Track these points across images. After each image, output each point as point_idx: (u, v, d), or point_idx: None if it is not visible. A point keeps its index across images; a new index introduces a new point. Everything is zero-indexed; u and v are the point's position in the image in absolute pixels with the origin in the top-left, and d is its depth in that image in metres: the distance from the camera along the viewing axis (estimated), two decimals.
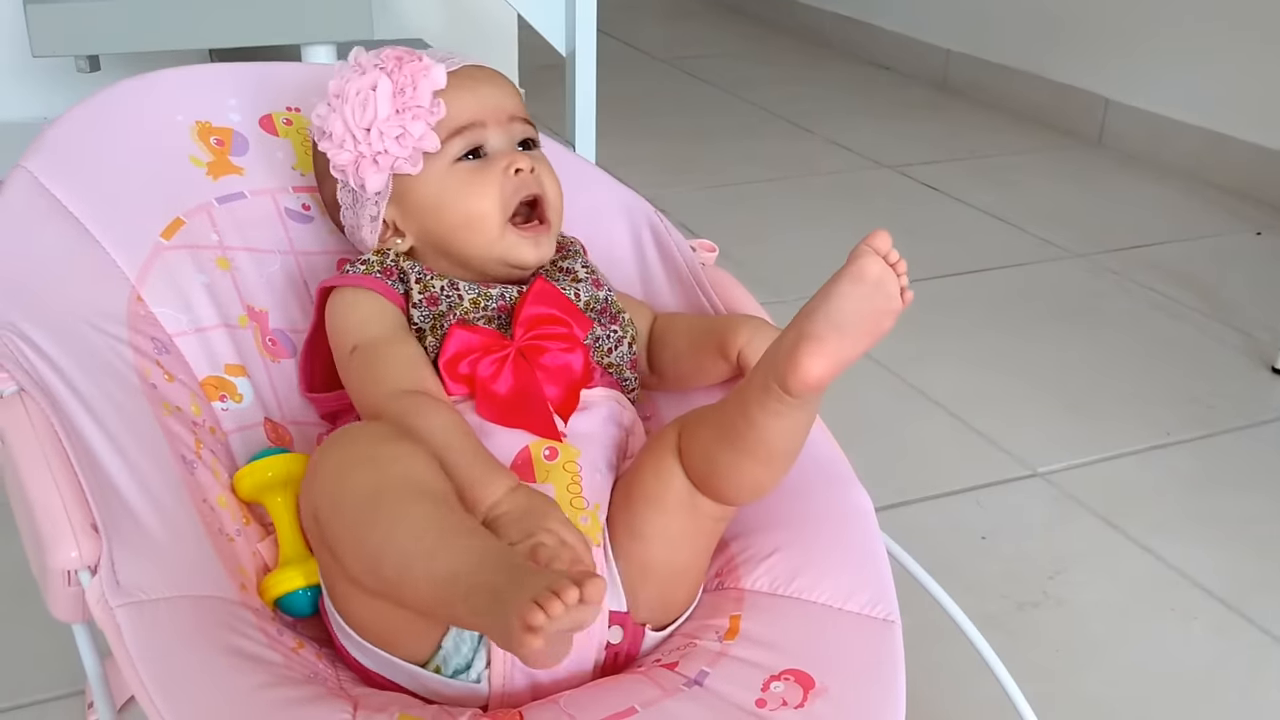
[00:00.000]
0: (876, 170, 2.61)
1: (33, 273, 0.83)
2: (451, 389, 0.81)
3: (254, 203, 0.95)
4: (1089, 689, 1.15)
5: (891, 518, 1.38)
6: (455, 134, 0.85)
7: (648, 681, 0.75)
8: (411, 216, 0.87)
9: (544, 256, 0.88)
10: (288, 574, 0.80)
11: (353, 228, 0.90)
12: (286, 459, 0.85)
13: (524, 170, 0.86)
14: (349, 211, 0.89)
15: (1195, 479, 1.50)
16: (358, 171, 0.85)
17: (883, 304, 0.72)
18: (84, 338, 0.81)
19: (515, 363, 0.82)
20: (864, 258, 0.72)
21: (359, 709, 0.69)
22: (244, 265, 0.93)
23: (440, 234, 0.87)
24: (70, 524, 0.67)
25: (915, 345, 1.81)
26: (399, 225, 0.88)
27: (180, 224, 0.92)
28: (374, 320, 0.84)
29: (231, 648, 0.69)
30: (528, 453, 0.80)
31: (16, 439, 0.72)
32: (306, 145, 0.98)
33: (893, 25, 3.46)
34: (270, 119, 0.98)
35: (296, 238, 0.96)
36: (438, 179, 0.86)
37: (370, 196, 0.87)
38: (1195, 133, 2.58)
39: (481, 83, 0.88)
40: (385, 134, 0.84)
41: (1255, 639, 1.23)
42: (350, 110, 0.84)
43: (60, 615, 0.69)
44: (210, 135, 0.95)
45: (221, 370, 0.90)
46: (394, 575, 0.67)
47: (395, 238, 0.88)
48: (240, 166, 0.96)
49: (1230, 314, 1.96)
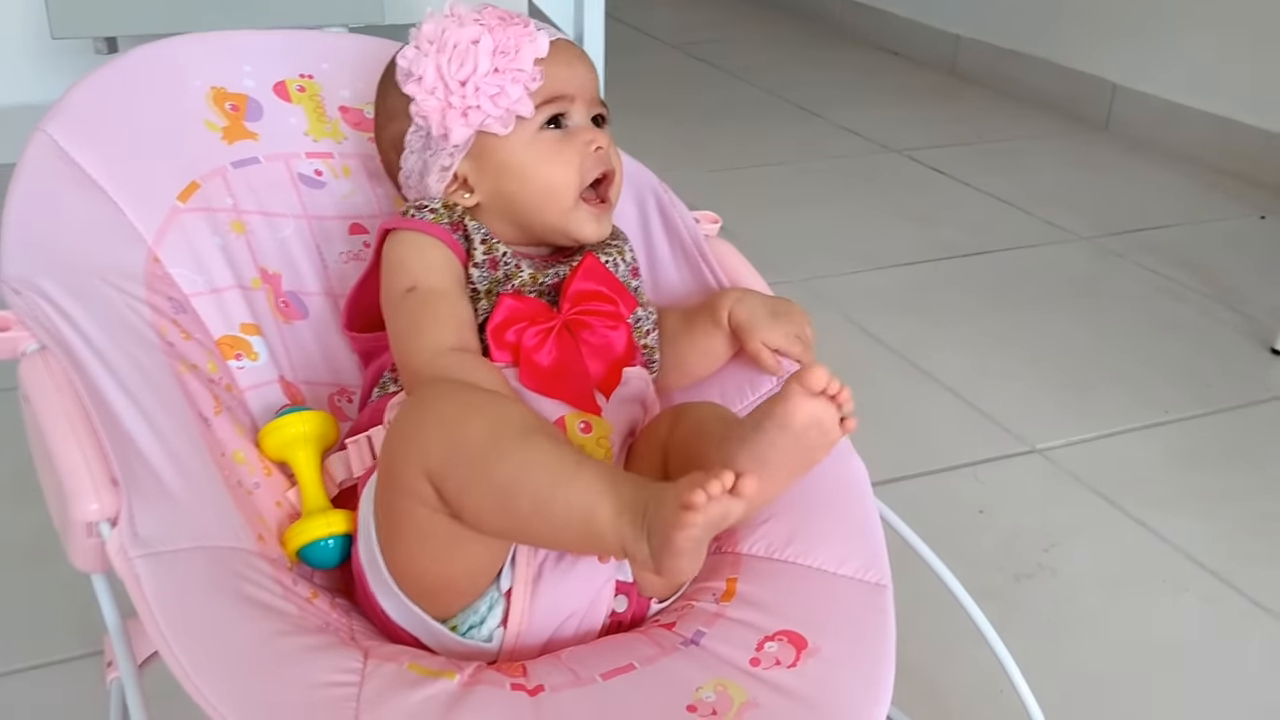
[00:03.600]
0: (884, 154, 2.62)
1: (52, 234, 0.84)
2: (496, 356, 0.82)
3: (268, 167, 0.97)
4: (1080, 658, 1.18)
5: (892, 491, 1.40)
6: (546, 102, 0.86)
7: (646, 640, 0.77)
8: (487, 175, 0.87)
9: (603, 233, 0.89)
10: (311, 524, 0.82)
11: (417, 173, 0.89)
12: (312, 415, 0.87)
13: (602, 148, 0.87)
14: (416, 156, 0.88)
15: (1192, 456, 1.52)
16: (444, 120, 0.85)
17: (814, 443, 0.71)
18: (103, 296, 0.83)
19: (560, 335, 0.83)
20: (792, 402, 0.69)
21: (369, 657, 0.72)
22: (258, 228, 0.95)
23: (514, 196, 0.87)
24: (91, 478, 0.69)
25: (919, 324, 1.83)
26: (471, 180, 0.87)
27: (196, 187, 0.93)
28: (438, 268, 0.84)
29: (247, 597, 0.71)
30: (563, 422, 0.81)
31: (39, 395, 0.73)
32: (319, 112, 1.00)
33: (902, 10, 3.46)
34: (284, 85, 1.00)
35: (309, 202, 0.98)
36: (523, 144, 0.86)
37: (449, 147, 0.86)
38: (1202, 117, 2.59)
39: (576, 58, 0.88)
40: (482, 90, 0.83)
41: (1244, 609, 1.25)
42: (447, 60, 0.84)
43: (81, 565, 0.71)
44: (225, 101, 0.97)
45: (237, 329, 0.92)
46: (529, 507, 0.68)
47: (463, 192, 0.88)
48: (255, 132, 0.97)
49: (1232, 296, 1.97)
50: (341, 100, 1.01)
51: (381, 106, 0.92)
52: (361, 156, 1.01)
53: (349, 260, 0.98)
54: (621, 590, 0.79)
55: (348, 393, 0.95)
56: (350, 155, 1.00)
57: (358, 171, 1.00)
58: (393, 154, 0.91)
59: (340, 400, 0.95)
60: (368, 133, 0.99)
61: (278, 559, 0.80)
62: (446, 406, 0.72)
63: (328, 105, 1.01)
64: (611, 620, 0.79)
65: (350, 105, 1.01)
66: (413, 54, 0.86)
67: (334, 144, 1.00)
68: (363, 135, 1.00)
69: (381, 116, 0.92)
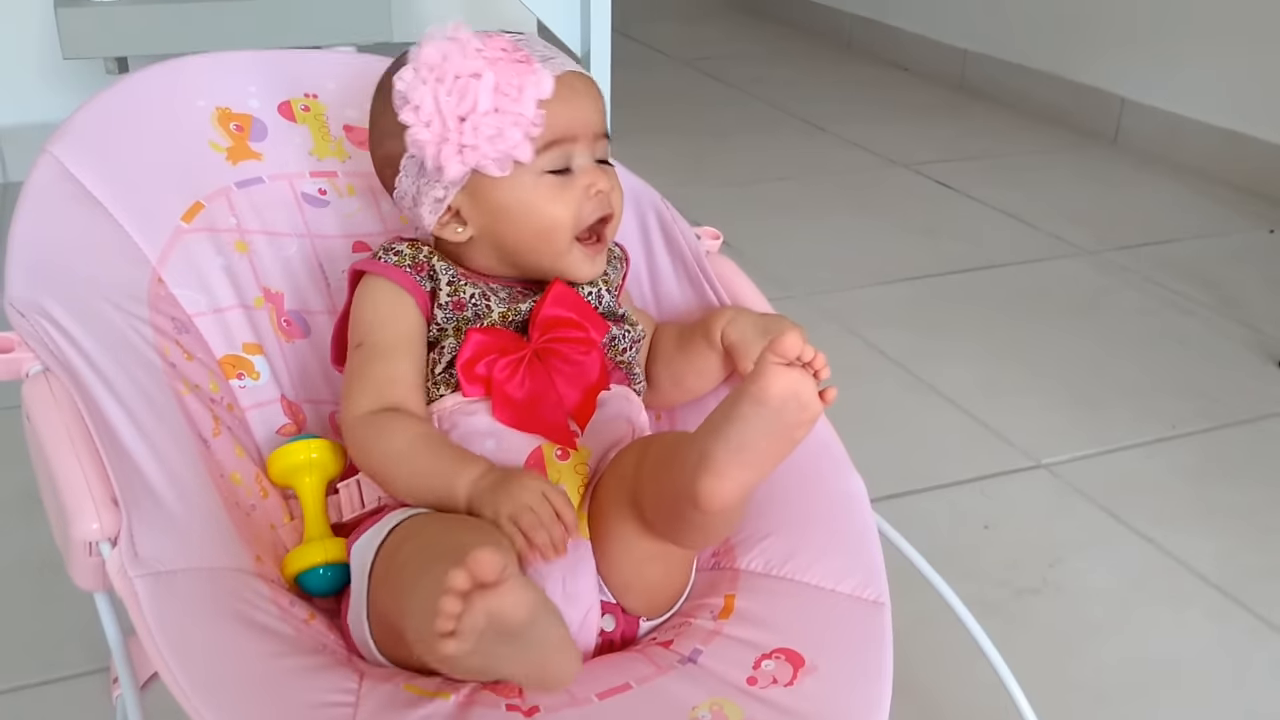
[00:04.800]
0: (891, 169, 2.63)
1: (57, 255, 0.85)
2: (467, 390, 0.82)
3: (271, 187, 0.98)
4: (1085, 674, 1.18)
5: (897, 506, 1.40)
6: (547, 147, 0.83)
7: (643, 659, 0.78)
8: (482, 212, 0.84)
9: (597, 271, 0.87)
10: (309, 551, 0.83)
11: (410, 199, 0.86)
12: (320, 444, 0.88)
13: (603, 191, 0.85)
14: (409, 182, 0.86)
15: (1198, 471, 1.52)
16: (438, 155, 0.81)
17: (793, 418, 0.68)
18: (106, 318, 0.83)
19: (530, 365, 0.82)
20: (766, 376, 0.67)
21: (365, 678, 0.72)
22: (261, 248, 0.96)
23: (507, 236, 0.85)
24: (92, 498, 0.70)
25: (925, 339, 1.83)
26: (465, 214, 0.85)
27: (200, 208, 0.94)
28: (387, 323, 0.84)
29: (245, 618, 0.72)
30: (540, 453, 0.81)
31: (41, 416, 0.74)
32: (323, 131, 1.00)
33: (911, 26, 3.47)
34: (289, 105, 1.00)
35: (312, 221, 0.98)
36: (521, 187, 0.83)
37: (444, 181, 0.83)
38: (1210, 131, 2.59)
39: (580, 94, 0.85)
40: (480, 130, 0.80)
41: (1250, 625, 1.25)
42: (446, 92, 0.80)
43: (82, 584, 0.72)
44: (230, 121, 0.98)
45: (239, 349, 0.93)
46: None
47: (456, 224, 0.85)
48: (259, 152, 0.98)
49: (1239, 310, 1.97)
50: (346, 119, 1.02)
51: (376, 124, 0.89)
52: (366, 175, 1.00)
53: None
54: (608, 610, 0.79)
55: None
56: (354, 174, 1.01)
57: (362, 190, 1.01)
58: (387, 170, 0.89)
59: None
60: None
61: (275, 580, 0.81)
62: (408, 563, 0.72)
63: (332, 124, 1.01)
64: (602, 639, 0.79)
65: (355, 124, 1.01)
66: (410, 78, 0.82)
67: (338, 163, 1.01)
68: (367, 154, 1.01)
69: (375, 133, 0.90)
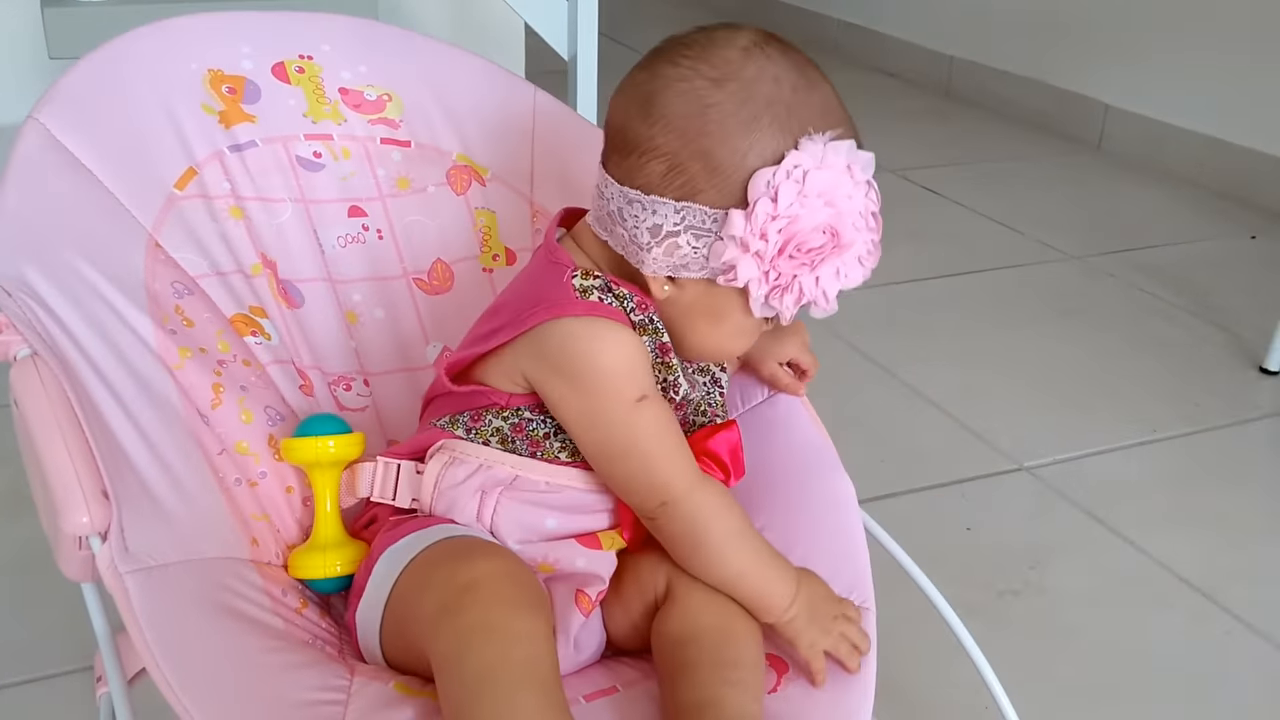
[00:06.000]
0: (877, 173, 2.61)
1: (47, 229, 0.81)
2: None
3: (265, 150, 0.95)
4: (1065, 674, 1.19)
5: (880, 508, 1.40)
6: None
7: (630, 663, 0.79)
8: (693, 297, 0.77)
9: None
10: (312, 562, 0.81)
11: (646, 235, 0.75)
12: (345, 441, 0.84)
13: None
14: (667, 223, 0.74)
15: (1179, 474, 1.53)
16: (739, 258, 0.72)
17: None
18: (98, 293, 0.81)
19: None
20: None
21: (356, 675, 0.72)
22: (255, 214, 0.93)
23: (691, 329, 0.79)
24: (82, 490, 0.69)
25: (909, 343, 1.85)
26: (679, 283, 0.76)
27: (193, 174, 0.91)
28: (643, 365, 0.77)
29: (236, 612, 0.72)
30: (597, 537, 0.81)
31: (30, 403, 0.72)
32: (318, 93, 0.97)
33: (897, 32, 3.49)
34: (283, 66, 0.97)
35: (306, 185, 0.96)
36: (741, 310, 0.76)
37: (713, 267, 0.74)
38: (1193, 138, 2.61)
39: None
40: (800, 270, 0.74)
41: (1230, 627, 1.26)
42: (786, 221, 0.72)
43: (71, 576, 0.71)
44: (222, 84, 0.94)
45: (247, 310, 0.91)
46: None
47: (664, 284, 0.76)
48: (252, 114, 0.95)
49: (1221, 315, 1.98)
50: (342, 82, 0.98)
51: (640, 134, 0.75)
52: (362, 139, 0.98)
53: (347, 244, 0.96)
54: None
55: (345, 380, 0.94)
56: (350, 138, 0.98)
57: (358, 154, 0.98)
58: (617, 172, 0.76)
59: (338, 389, 0.94)
60: (368, 115, 0.97)
61: (271, 562, 0.80)
62: (466, 619, 0.68)
63: (328, 87, 0.98)
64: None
65: (350, 87, 0.99)
66: (788, 184, 0.72)
67: (334, 125, 0.97)
68: (364, 117, 0.98)
69: (630, 141, 0.76)
